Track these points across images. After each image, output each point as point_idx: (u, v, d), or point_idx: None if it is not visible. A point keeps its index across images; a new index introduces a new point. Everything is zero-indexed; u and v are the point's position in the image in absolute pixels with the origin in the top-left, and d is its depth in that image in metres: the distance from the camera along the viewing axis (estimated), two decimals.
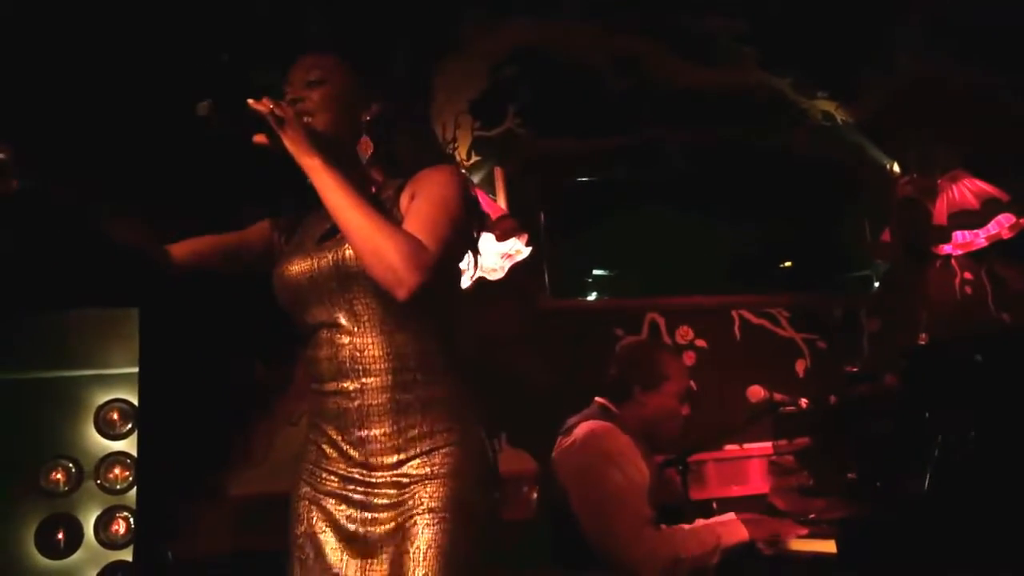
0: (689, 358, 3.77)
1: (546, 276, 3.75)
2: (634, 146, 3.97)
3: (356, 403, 1.72)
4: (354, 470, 1.73)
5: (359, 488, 1.73)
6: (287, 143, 1.69)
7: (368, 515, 1.71)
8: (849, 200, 4.35)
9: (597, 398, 2.89)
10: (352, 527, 1.72)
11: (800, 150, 4.15)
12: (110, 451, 3.44)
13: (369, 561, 1.69)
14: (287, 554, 1.77)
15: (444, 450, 1.72)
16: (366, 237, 1.61)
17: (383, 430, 1.72)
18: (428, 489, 1.68)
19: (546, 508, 2.87)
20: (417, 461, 1.71)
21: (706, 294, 3.96)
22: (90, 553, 3.36)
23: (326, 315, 1.75)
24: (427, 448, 1.72)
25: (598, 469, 2.65)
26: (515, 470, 3.28)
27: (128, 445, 3.44)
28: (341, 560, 1.70)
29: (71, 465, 3.39)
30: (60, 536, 3.34)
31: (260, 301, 1.88)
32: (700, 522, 2.73)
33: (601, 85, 3.89)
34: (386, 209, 1.74)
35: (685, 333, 3.82)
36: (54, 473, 3.39)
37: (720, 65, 4.02)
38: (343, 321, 1.74)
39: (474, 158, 3.66)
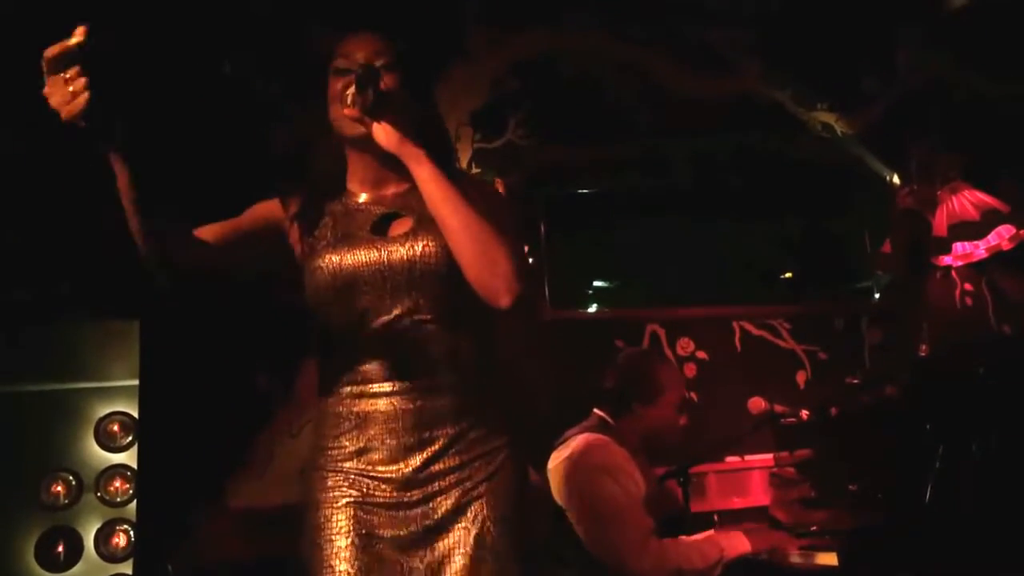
0: (690, 370, 3.77)
1: (547, 287, 3.75)
2: (635, 157, 3.98)
3: (419, 403, 1.67)
4: (411, 475, 1.66)
5: (415, 493, 1.66)
6: (390, 129, 1.64)
7: (429, 521, 1.66)
8: (849, 211, 4.36)
9: (596, 410, 2.89)
10: (411, 532, 1.65)
11: (800, 161, 4.15)
12: (110, 464, 3.43)
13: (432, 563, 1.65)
14: (311, 562, 1.66)
15: (502, 455, 1.71)
16: (481, 240, 1.59)
17: (446, 431, 1.68)
18: (491, 492, 1.68)
19: (541, 519, 2.86)
20: (479, 463, 1.69)
21: (707, 305, 3.96)
22: (90, 566, 3.35)
23: (386, 311, 1.67)
24: (487, 451, 1.70)
25: (595, 483, 2.66)
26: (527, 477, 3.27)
27: (128, 458, 3.43)
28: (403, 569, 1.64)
29: (71, 478, 3.39)
30: (60, 549, 3.33)
31: (260, 312, 1.88)
32: (703, 534, 2.73)
33: (601, 96, 3.89)
34: None
35: (686, 345, 3.81)
36: (54, 486, 3.38)
37: (721, 76, 4.03)
38: (407, 318, 1.67)
39: (475, 169, 3.66)
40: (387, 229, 1.72)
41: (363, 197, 1.77)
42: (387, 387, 1.67)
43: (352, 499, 1.66)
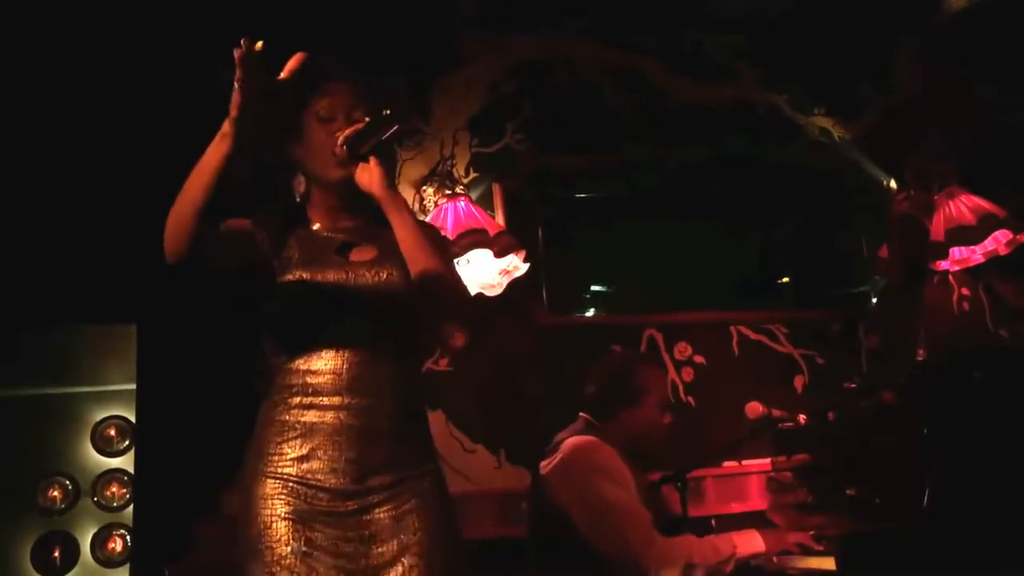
0: (687, 374, 3.77)
1: (544, 292, 3.75)
2: (632, 162, 3.98)
3: (363, 420, 1.76)
4: (349, 486, 1.74)
5: (352, 504, 1.74)
6: (377, 174, 1.81)
7: (365, 531, 1.74)
8: (847, 216, 4.36)
9: (582, 413, 2.90)
10: (347, 539, 1.72)
11: (797, 166, 4.16)
12: (107, 468, 3.43)
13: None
14: (251, 569, 1.70)
15: (431, 475, 1.83)
16: (447, 274, 1.81)
17: (385, 449, 1.77)
18: (422, 507, 1.78)
19: (536, 523, 2.87)
20: (411, 481, 1.79)
21: (704, 310, 3.96)
22: (87, 571, 3.35)
23: (347, 330, 1.78)
24: (418, 472, 1.81)
25: (592, 483, 2.67)
26: (515, 487, 3.28)
27: (125, 462, 3.43)
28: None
29: (68, 482, 3.38)
30: (56, 554, 3.33)
31: (258, 316, 1.88)
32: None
33: (599, 101, 3.90)
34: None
35: (683, 349, 3.81)
36: (51, 490, 3.37)
37: (718, 81, 4.04)
38: (361, 339, 1.78)
39: (472, 174, 3.66)
40: (349, 254, 1.86)
41: (318, 226, 1.91)
42: (336, 401, 1.76)
43: (291, 507, 1.72)
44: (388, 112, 1.79)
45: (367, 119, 1.80)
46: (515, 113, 3.77)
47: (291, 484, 1.73)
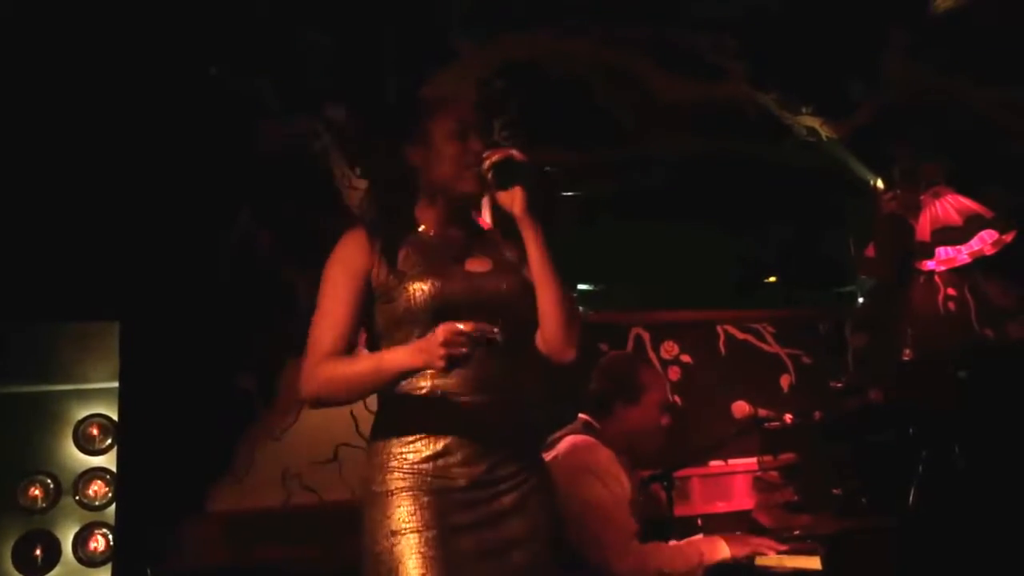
0: (674, 373, 3.76)
1: None
2: (620, 161, 3.98)
3: (488, 418, 1.90)
4: (480, 477, 1.88)
5: (483, 493, 1.88)
6: (520, 198, 1.98)
7: (494, 511, 1.89)
8: (834, 216, 4.37)
9: (581, 414, 2.90)
10: (482, 530, 1.87)
11: (785, 165, 4.16)
12: (89, 467, 3.41)
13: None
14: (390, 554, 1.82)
15: (542, 463, 2.05)
16: (567, 308, 1.96)
17: (509, 442, 1.93)
18: (542, 491, 1.96)
19: None
20: (531, 470, 1.96)
21: (691, 309, 3.96)
22: (68, 570, 3.33)
23: None
24: (534, 461, 2.00)
25: (582, 483, 2.66)
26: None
27: (107, 461, 3.40)
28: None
29: (49, 481, 3.36)
30: (38, 553, 3.30)
31: (241, 314, 1.88)
32: (688, 539, 2.74)
33: (588, 99, 3.89)
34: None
35: (670, 348, 3.81)
36: (32, 489, 3.35)
37: (706, 80, 4.03)
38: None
39: None
40: (464, 264, 1.99)
41: (424, 228, 2.03)
42: (465, 400, 1.90)
43: (429, 496, 1.86)
44: (547, 169, 2.03)
45: (518, 154, 1.96)
46: (503, 110, 3.76)
47: (427, 478, 1.86)
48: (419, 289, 1.90)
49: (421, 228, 2.03)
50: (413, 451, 1.89)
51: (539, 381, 2.04)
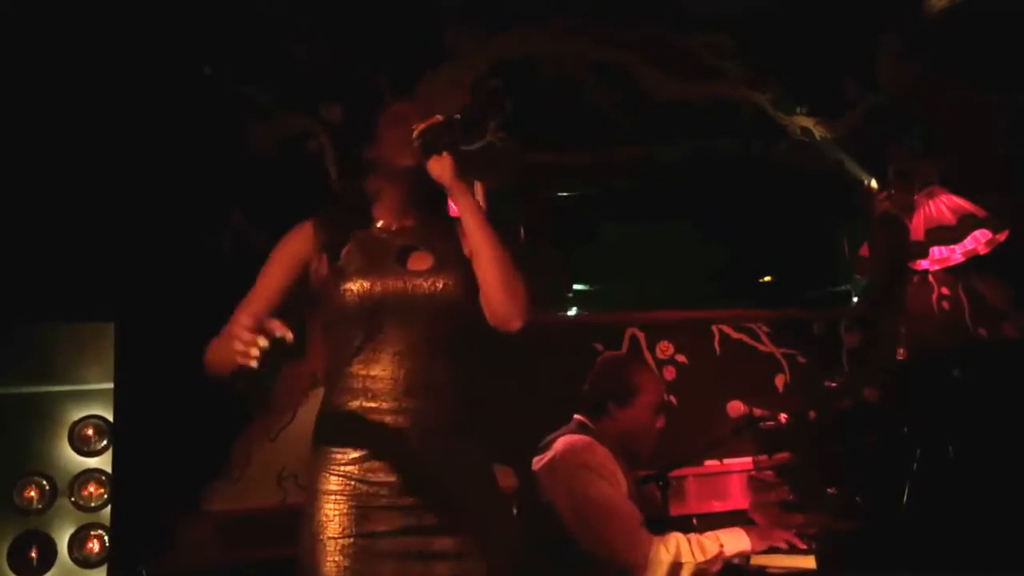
0: (669, 373, 3.77)
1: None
2: (615, 161, 3.98)
3: (418, 423, 1.86)
4: (408, 483, 1.85)
5: (410, 500, 1.85)
6: (448, 165, 1.93)
7: (424, 523, 1.85)
8: (828, 215, 4.37)
9: (576, 415, 2.90)
10: (408, 537, 1.84)
11: (779, 165, 4.17)
12: (85, 468, 3.39)
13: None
14: (313, 559, 1.81)
15: (484, 467, 1.99)
16: (507, 270, 1.89)
17: (439, 448, 1.88)
18: (479, 496, 1.92)
19: (527, 522, 2.86)
20: (468, 475, 1.92)
21: (686, 309, 3.96)
22: (64, 572, 3.31)
23: (405, 336, 1.89)
24: (471, 466, 1.94)
25: (583, 480, 2.66)
26: (500, 486, 3.27)
27: (103, 462, 3.39)
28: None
29: (45, 482, 3.35)
30: (33, 554, 3.29)
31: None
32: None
33: (582, 99, 3.89)
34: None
35: (665, 348, 3.81)
36: (27, 490, 3.34)
37: (701, 80, 4.04)
38: (418, 346, 1.89)
39: None
40: (407, 261, 1.95)
41: (380, 224, 2.00)
42: (394, 404, 1.86)
43: (354, 502, 1.83)
44: (459, 117, 1.94)
45: (441, 117, 1.92)
46: (498, 111, 3.76)
47: (353, 481, 1.84)
48: (350, 290, 1.88)
49: (379, 224, 2.01)
50: (341, 452, 1.87)
51: (471, 383, 1.99)
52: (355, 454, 1.86)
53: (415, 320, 1.89)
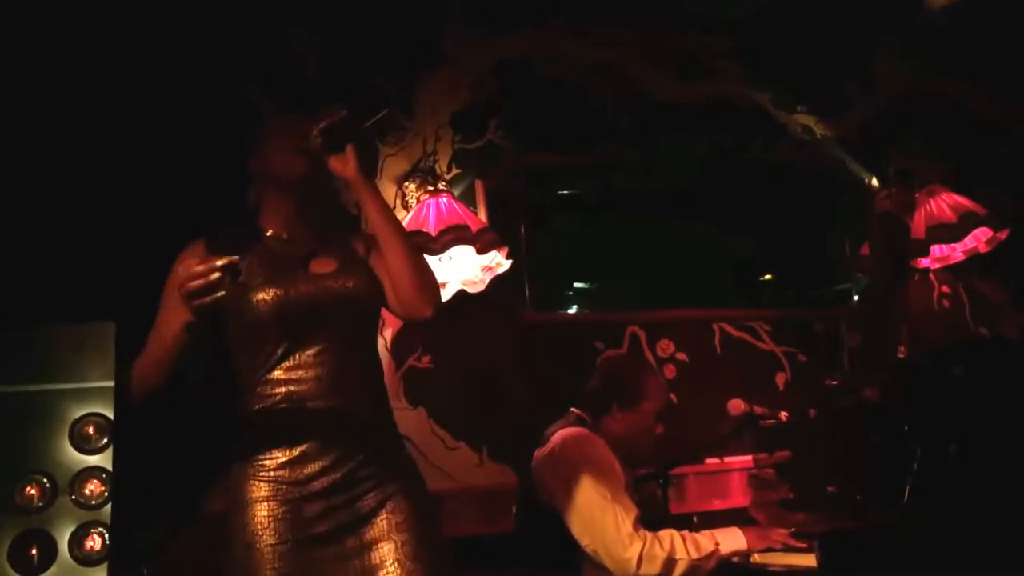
0: (669, 371, 3.77)
1: (527, 289, 3.74)
2: (615, 160, 3.98)
3: (345, 421, 1.90)
4: (338, 481, 1.88)
5: (340, 498, 1.88)
6: (351, 161, 1.95)
7: (354, 517, 1.88)
8: (829, 214, 4.38)
9: (573, 408, 2.90)
10: (341, 535, 1.87)
11: (780, 164, 4.17)
12: (85, 466, 3.38)
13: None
14: (247, 565, 1.85)
15: (408, 462, 2.02)
16: (415, 259, 1.96)
17: (366, 444, 1.92)
18: (405, 491, 1.93)
19: (527, 517, 2.87)
20: (392, 470, 1.95)
21: (687, 307, 3.97)
22: (64, 570, 3.30)
23: (321, 338, 1.92)
24: (396, 460, 1.99)
25: (580, 473, 2.67)
26: (497, 484, 3.27)
27: (104, 460, 3.38)
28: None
29: (45, 480, 3.34)
30: (33, 552, 3.28)
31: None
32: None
33: (582, 99, 3.89)
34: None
35: (666, 346, 3.81)
36: (28, 488, 3.32)
37: (701, 80, 4.04)
38: (336, 346, 1.92)
39: (455, 171, 3.64)
40: (311, 266, 1.99)
41: (271, 232, 2.03)
42: (320, 404, 1.90)
43: (285, 507, 1.87)
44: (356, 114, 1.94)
45: (343, 113, 1.93)
46: (498, 110, 3.76)
47: (284, 485, 1.88)
48: (263, 300, 1.90)
49: (269, 233, 2.03)
50: (270, 458, 1.90)
51: (382, 377, 2.07)
52: (284, 457, 1.89)
53: (330, 320, 1.92)
